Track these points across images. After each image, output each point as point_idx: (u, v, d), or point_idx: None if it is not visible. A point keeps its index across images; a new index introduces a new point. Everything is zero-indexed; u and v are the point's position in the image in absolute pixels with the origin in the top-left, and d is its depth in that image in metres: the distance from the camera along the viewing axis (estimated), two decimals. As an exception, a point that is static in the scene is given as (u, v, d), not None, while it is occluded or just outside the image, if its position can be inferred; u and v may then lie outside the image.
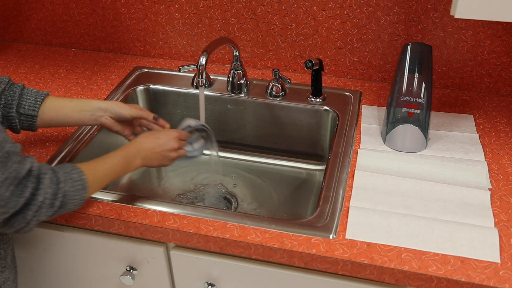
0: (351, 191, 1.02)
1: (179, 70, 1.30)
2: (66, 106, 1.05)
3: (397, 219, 0.95)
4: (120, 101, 1.30)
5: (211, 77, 1.43)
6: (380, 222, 0.94)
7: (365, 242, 0.91)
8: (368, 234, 0.92)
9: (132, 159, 0.98)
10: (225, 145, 1.44)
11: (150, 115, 1.12)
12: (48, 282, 1.18)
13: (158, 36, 1.50)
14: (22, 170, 0.78)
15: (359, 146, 1.15)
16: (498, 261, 0.87)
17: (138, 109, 1.10)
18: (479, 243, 0.90)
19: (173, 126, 1.45)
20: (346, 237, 0.91)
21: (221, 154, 1.43)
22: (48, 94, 1.04)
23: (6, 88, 1.00)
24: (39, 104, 1.02)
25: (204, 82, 1.14)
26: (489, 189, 1.02)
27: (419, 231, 0.92)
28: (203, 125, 1.16)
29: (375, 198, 1.00)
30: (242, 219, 0.97)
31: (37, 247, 1.12)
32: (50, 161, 1.12)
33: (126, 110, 1.08)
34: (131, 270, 1.07)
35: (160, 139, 1.03)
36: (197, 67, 1.14)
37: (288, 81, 1.28)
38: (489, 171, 1.07)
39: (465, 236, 0.91)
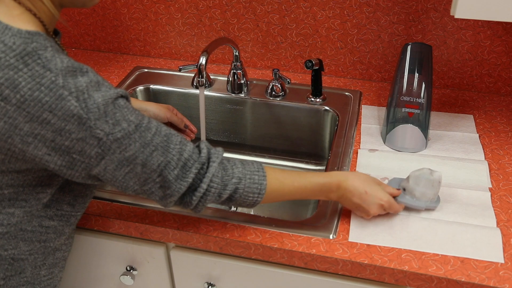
0: (351, 191, 1.02)
1: (179, 70, 1.30)
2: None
3: (399, 220, 0.95)
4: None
5: (211, 77, 1.43)
6: (383, 225, 0.94)
7: (366, 242, 0.91)
8: (371, 237, 0.92)
9: (329, 193, 0.90)
10: (225, 145, 1.44)
11: (182, 123, 1.17)
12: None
13: (158, 36, 1.50)
14: (187, 155, 0.78)
15: (359, 146, 1.15)
16: (502, 261, 0.87)
17: (173, 114, 1.16)
18: (482, 244, 0.90)
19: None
20: (349, 240, 0.91)
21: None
22: None
23: None
24: None
25: (204, 82, 1.14)
26: (489, 189, 1.02)
27: (421, 232, 0.92)
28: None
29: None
30: (242, 219, 0.97)
31: (37, 247, 1.12)
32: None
33: (164, 113, 1.13)
34: (131, 270, 1.07)
35: (368, 195, 0.90)
36: (197, 67, 1.14)
37: (288, 81, 1.28)
38: (489, 171, 1.07)
39: (468, 237, 0.91)
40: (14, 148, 0.70)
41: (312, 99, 1.31)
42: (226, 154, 1.43)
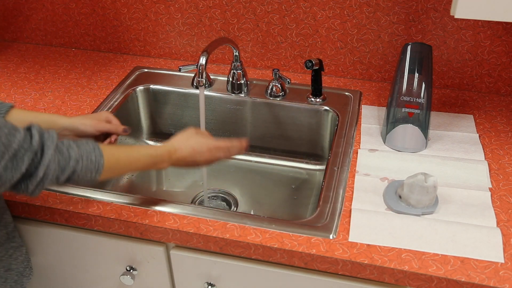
0: (351, 191, 1.02)
1: (179, 70, 1.30)
2: (31, 122, 1.01)
3: (399, 220, 0.95)
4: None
5: (211, 77, 1.42)
6: (383, 224, 0.94)
7: (366, 242, 0.91)
8: (371, 236, 0.92)
9: (160, 163, 0.95)
10: (225, 145, 1.44)
11: (119, 128, 1.09)
12: (48, 282, 1.18)
13: (158, 36, 1.50)
14: (14, 143, 0.75)
15: (359, 146, 1.15)
16: (502, 261, 0.87)
17: (106, 123, 1.08)
18: (482, 244, 0.90)
19: (173, 125, 1.45)
20: (349, 240, 0.91)
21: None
22: (12, 106, 1.02)
23: None
24: (2, 117, 0.99)
25: (204, 82, 1.14)
26: (489, 189, 1.02)
27: (421, 232, 0.92)
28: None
29: (376, 200, 1.00)
30: (242, 219, 0.97)
31: (37, 247, 1.12)
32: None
33: (92, 127, 1.06)
34: (131, 270, 1.07)
35: (195, 148, 0.98)
36: (197, 67, 1.14)
37: (288, 81, 1.28)
38: (489, 171, 1.07)
39: (468, 237, 0.91)
40: None
41: (312, 99, 1.31)
42: (226, 154, 1.43)
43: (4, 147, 0.75)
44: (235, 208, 1.28)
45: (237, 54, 1.30)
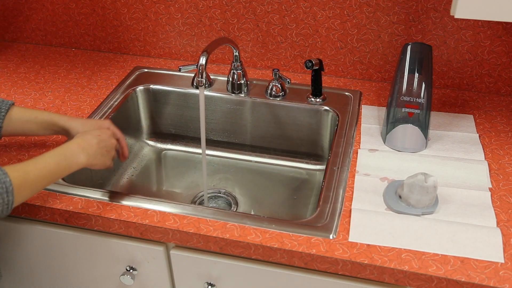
0: (351, 191, 1.02)
1: (179, 70, 1.30)
2: (31, 121, 1.03)
3: (399, 220, 0.95)
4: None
5: (211, 77, 1.42)
6: (383, 224, 0.94)
7: (366, 242, 0.91)
8: (371, 236, 0.92)
9: (74, 156, 0.91)
10: (225, 145, 1.44)
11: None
12: (48, 282, 1.18)
13: (158, 36, 1.50)
14: None
15: (359, 146, 1.15)
16: (502, 261, 0.87)
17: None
18: (482, 243, 0.90)
19: (173, 125, 1.45)
20: (349, 240, 0.91)
21: (222, 154, 1.43)
22: (13, 104, 1.03)
23: None
24: (3, 115, 1.01)
25: (204, 82, 1.14)
26: (489, 189, 1.02)
27: (421, 232, 0.92)
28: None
29: (376, 200, 1.00)
30: (242, 219, 0.97)
31: (37, 247, 1.12)
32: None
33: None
34: (131, 270, 1.07)
35: (101, 136, 0.97)
36: (197, 67, 1.14)
37: (288, 81, 1.28)
38: (489, 171, 1.07)
39: (468, 237, 0.91)
40: None
41: (312, 99, 1.31)
42: (226, 154, 1.43)
43: None
44: (235, 208, 1.28)
45: (237, 54, 1.30)
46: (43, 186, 0.88)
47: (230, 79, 1.35)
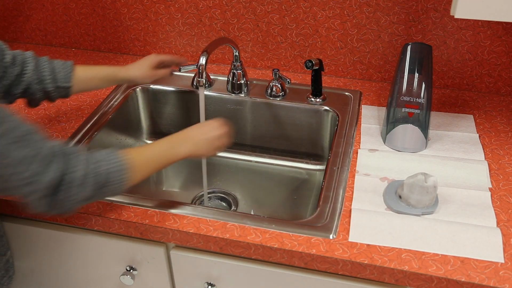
0: (351, 191, 1.02)
1: (179, 70, 1.30)
2: (94, 77, 1.14)
3: (399, 220, 0.95)
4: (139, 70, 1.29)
5: (211, 77, 1.42)
6: (383, 224, 0.94)
7: (366, 242, 0.91)
8: (371, 236, 0.92)
9: (178, 146, 0.97)
10: (225, 145, 1.44)
11: (175, 61, 1.27)
12: (48, 282, 1.18)
13: (158, 36, 1.50)
14: (44, 149, 0.78)
15: (359, 146, 1.15)
16: (502, 261, 0.87)
17: (158, 71, 1.22)
18: (482, 243, 0.90)
19: (172, 125, 1.45)
20: (349, 240, 0.91)
21: (222, 154, 1.43)
22: (73, 64, 1.11)
23: (38, 64, 1.06)
24: (70, 76, 1.09)
25: (204, 82, 1.14)
26: (489, 189, 1.02)
27: (422, 232, 0.92)
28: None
29: (376, 200, 1.00)
30: (242, 219, 0.97)
31: (37, 247, 1.12)
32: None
33: (151, 78, 1.21)
34: (131, 270, 1.07)
35: (206, 127, 1.03)
36: (197, 67, 1.14)
37: (288, 81, 1.28)
38: (489, 171, 1.07)
39: (468, 237, 0.91)
40: None
41: (312, 99, 1.31)
42: (225, 154, 1.43)
43: (38, 149, 0.77)
44: (235, 208, 1.28)
45: (237, 54, 1.30)
46: (154, 170, 0.95)
47: (230, 79, 1.35)
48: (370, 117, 1.25)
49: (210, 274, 1.02)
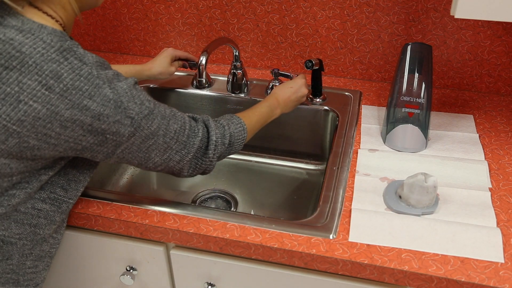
0: (351, 191, 1.02)
1: (181, 66, 1.30)
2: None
3: (399, 220, 0.95)
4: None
5: (211, 77, 1.43)
6: (383, 224, 0.94)
7: (366, 242, 0.91)
8: (371, 236, 0.92)
9: (274, 108, 1.13)
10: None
11: (190, 58, 1.35)
12: (48, 282, 1.18)
13: (158, 36, 1.50)
14: (186, 118, 0.92)
15: (359, 146, 1.15)
16: (502, 261, 0.87)
17: (173, 67, 1.31)
18: (482, 243, 0.90)
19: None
20: (349, 240, 0.91)
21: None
22: None
23: None
24: None
25: (204, 82, 1.14)
26: (489, 189, 1.02)
27: (422, 232, 0.92)
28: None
29: (376, 200, 1.00)
30: (242, 219, 0.97)
31: (37, 247, 1.12)
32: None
33: (171, 73, 1.31)
34: (131, 270, 1.07)
35: (293, 88, 1.19)
36: (197, 67, 1.14)
37: (291, 77, 1.26)
38: (489, 171, 1.07)
39: (468, 237, 0.91)
40: (51, 133, 0.76)
41: (312, 99, 1.31)
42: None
43: (184, 119, 0.92)
44: (235, 208, 1.28)
45: (237, 54, 1.30)
46: (258, 129, 1.09)
47: (230, 79, 1.35)
48: (370, 117, 1.25)
49: (210, 274, 1.02)
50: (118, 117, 0.79)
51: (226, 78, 1.40)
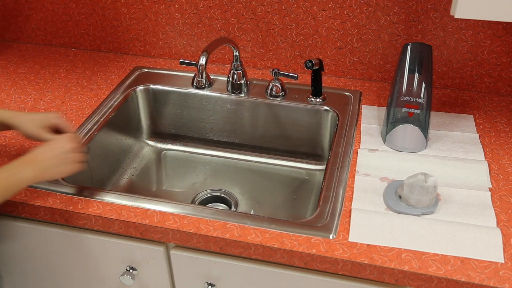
0: (351, 191, 1.02)
1: (180, 64, 1.31)
2: None
3: (399, 220, 0.95)
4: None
5: (211, 77, 1.42)
6: (383, 224, 0.94)
7: (366, 242, 0.91)
8: (371, 236, 0.92)
9: (21, 172, 0.88)
10: (225, 145, 1.44)
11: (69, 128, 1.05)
12: (48, 282, 1.18)
13: (158, 36, 1.50)
14: None
15: (359, 146, 1.15)
16: (502, 261, 0.87)
17: (48, 134, 1.00)
18: (482, 244, 0.90)
19: (173, 125, 1.45)
20: (349, 240, 0.91)
21: (221, 154, 1.43)
22: None
23: None
24: None
25: (204, 82, 1.14)
26: (489, 189, 1.02)
27: (422, 232, 0.92)
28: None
29: (376, 200, 1.00)
30: (242, 219, 0.97)
31: (37, 247, 1.12)
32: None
33: (37, 138, 1.01)
34: (131, 270, 1.07)
35: (52, 143, 0.93)
36: (197, 67, 1.14)
37: (295, 77, 1.24)
38: (489, 171, 1.07)
39: (468, 237, 0.91)
40: None
41: (312, 99, 1.31)
42: (226, 154, 1.43)
43: None
44: (235, 208, 1.28)
45: (237, 54, 1.30)
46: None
47: (230, 79, 1.35)
48: (370, 117, 1.25)
49: (210, 274, 1.02)
50: None
51: (226, 78, 1.40)
